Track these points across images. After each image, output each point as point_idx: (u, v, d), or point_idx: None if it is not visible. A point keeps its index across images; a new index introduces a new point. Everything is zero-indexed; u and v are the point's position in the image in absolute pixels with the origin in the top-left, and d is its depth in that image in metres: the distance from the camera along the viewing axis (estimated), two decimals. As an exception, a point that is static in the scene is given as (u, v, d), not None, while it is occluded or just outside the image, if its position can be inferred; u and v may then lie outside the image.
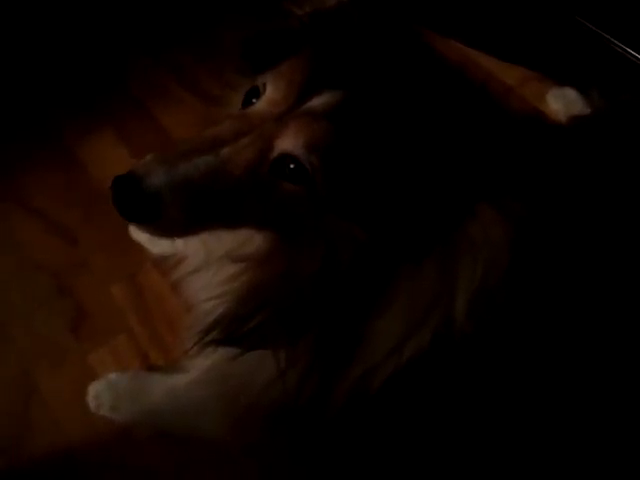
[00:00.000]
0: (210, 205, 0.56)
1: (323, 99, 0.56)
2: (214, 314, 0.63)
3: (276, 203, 0.58)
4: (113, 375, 0.94)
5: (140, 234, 0.59)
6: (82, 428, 0.93)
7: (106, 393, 0.92)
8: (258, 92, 0.60)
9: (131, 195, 0.53)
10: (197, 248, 0.71)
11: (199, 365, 0.78)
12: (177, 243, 0.72)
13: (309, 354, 0.61)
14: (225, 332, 0.61)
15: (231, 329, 0.60)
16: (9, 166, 1.18)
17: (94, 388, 0.93)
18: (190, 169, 0.54)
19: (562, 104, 1.22)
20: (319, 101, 0.56)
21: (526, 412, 0.61)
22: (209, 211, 0.57)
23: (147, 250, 0.99)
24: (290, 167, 0.56)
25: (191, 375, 0.83)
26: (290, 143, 0.55)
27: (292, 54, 0.61)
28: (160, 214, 0.54)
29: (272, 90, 0.58)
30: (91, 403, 0.92)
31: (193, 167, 0.54)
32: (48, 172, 1.17)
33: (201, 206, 0.56)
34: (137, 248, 0.99)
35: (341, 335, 0.60)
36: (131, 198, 0.53)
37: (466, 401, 0.60)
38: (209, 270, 0.69)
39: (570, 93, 1.22)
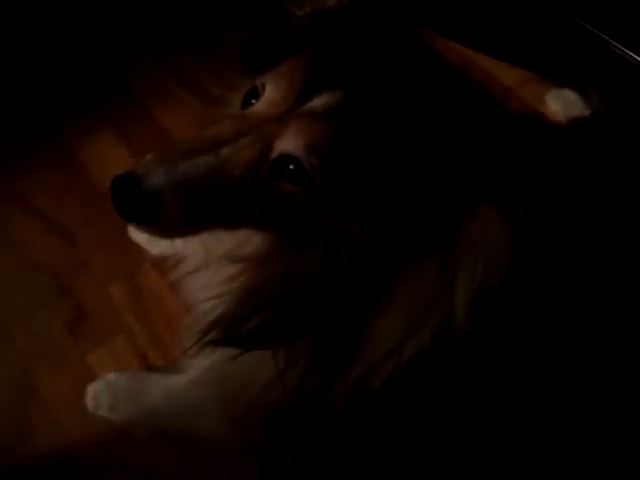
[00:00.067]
0: (210, 205, 0.56)
1: (323, 99, 0.56)
2: (213, 314, 0.63)
3: (276, 203, 0.58)
4: (112, 375, 0.93)
5: (139, 234, 0.59)
6: (82, 428, 0.93)
7: (105, 393, 0.92)
8: (258, 93, 0.60)
9: (130, 195, 0.53)
10: (196, 248, 0.71)
11: (198, 365, 0.78)
12: (176, 243, 0.72)
13: (309, 354, 0.61)
14: (224, 332, 0.61)
15: (230, 329, 0.60)
16: (9, 166, 1.17)
17: (93, 388, 0.93)
18: (190, 169, 0.54)
19: (561, 105, 1.22)
20: (319, 102, 0.56)
21: (526, 412, 0.61)
22: (209, 211, 0.57)
23: (146, 250, 1.00)
24: (290, 167, 0.56)
25: (190, 375, 0.83)
26: (290, 144, 0.55)
27: (292, 54, 0.61)
28: (159, 214, 0.54)
29: (272, 91, 0.58)
30: (90, 403, 0.92)
31: (193, 167, 0.54)
32: (48, 172, 1.17)
33: (201, 206, 0.56)
34: (136, 248, 0.99)
35: (341, 335, 0.60)
36: (130, 198, 0.53)
37: (466, 401, 0.60)
38: (208, 270, 0.69)
39: (569, 94, 1.22)
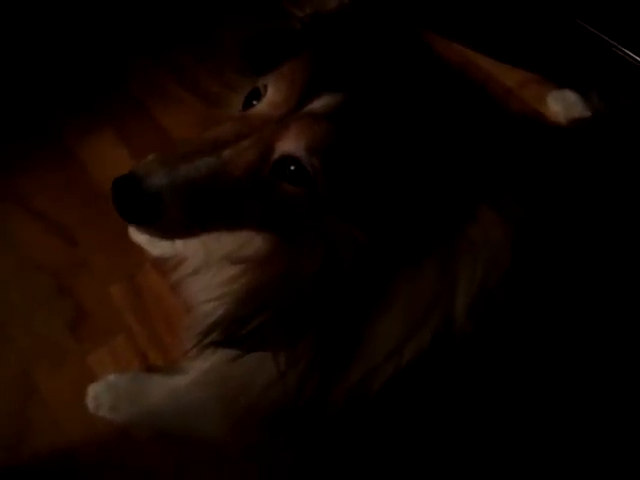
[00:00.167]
0: (210, 206, 0.56)
1: (324, 101, 0.56)
2: (214, 316, 0.63)
3: (277, 204, 0.58)
4: (112, 376, 0.93)
5: (140, 235, 0.59)
6: (82, 428, 0.93)
7: (105, 394, 0.92)
8: (259, 94, 0.60)
9: (131, 196, 0.52)
10: (197, 249, 0.71)
11: (198, 366, 0.78)
12: (177, 244, 0.72)
13: (309, 355, 0.61)
14: (225, 334, 0.61)
15: (231, 331, 0.60)
16: (9, 166, 1.17)
17: (93, 389, 0.93)
18: (191, 170, 0.54)
19: (562, 106, 1.22)
20: (320, 103, 0.56)
21: (526, 412, 0.61)
22: (209, 212, 0.57)
23: (147, 251, 1.00)
24: (291, 169, 0.56)
25: (190, 376, 0.83)
26: (291, 145, 0.55)
27: (293, 55, 0.61)
28: (160, 215, 0.54)
29: (273, 92, 0.58)
30: (90, 404, 0.92)
31: (194, 168, 0.54)
32: (48, 172, 1.17)
33: (201, 207, 0.55)
34: (137, 249, 0.99)
35: (341, 336, 0.60)
36: (131, 199, 0.53)
37: (466, 401, 0.60)
38: (209, 271, 0.69)
39: (570, 96, 1.22)
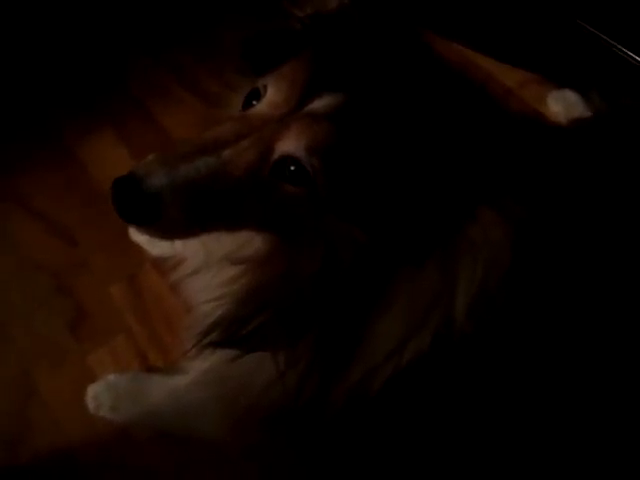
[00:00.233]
0: (210, 207, 0.56)
1: (324, 101, 0.56)
2: (213, 316, 0.63)
3: (276, 205, 0.58)
4: (112, 376, 0.94)
5: (140, 235, 0.59)
6: (82, 428, 0.93)
7: (105, 394, 0.92)
8: (259, 94, 0.60)
9: (131, 196, 0.52)
10: (196, 249, 0.71)
11: (198, 366, 0.78)
12: (176, 244, 0.72)
13: (309, 355, 0.61)
14: (224, 334, 0.61)
15: (230, 331, 0.60)
16: (9, 166, 1.17)
17: (93, 389, 0.93)
18: (191, 170, 0.54)
19: (562, 107, 1.22)
20: (320, 103, 0.56)
21: (526, 412, 0.61)
22: (209, 213, 0.57)
23: (146, 251, 1.00)
24: (291, 169, 0.56)
25: (190, 376, 0.82)
26: (291, 145, 0.55)
27: (293, 56, 0.61)
28: (160, 215, 0.54)
29: (273, 92, 0.58)
30: (90, 404, 0.92)
31: (194, 168, 0.54)
32: (48, 172, 1.17)
33: (201, 208, 0.55)
34: (137, 249, 0.99)
35: (341, 336, 0.60)
36: (131, 199, 0.53)
37: (466, 402, 0.60)
38: (208, 272, 0.69)
39: (570, 96, 1.22)
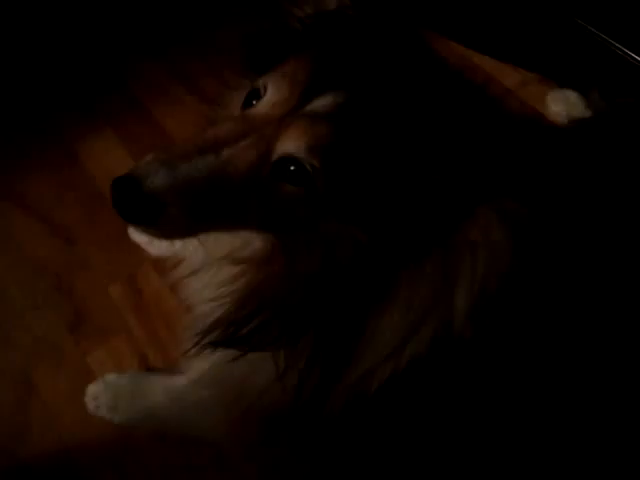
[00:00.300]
0: (210, 206, 0.56)
1: (324, 101, 0.56)
2: (213, 316, 0.63)
3: (276, 204, 0.58)
4: (111, 376, 0.94)
5: (139, 235, 0.59)
6: (80, 428, 0.93)
7: (105, 394, 0.92)
8: (259, 93, 0.60)
9: (131, 196, 0.52)
10: (196, 249, 0.71)
11: (197, 366, 0.78)
12: (176, 244, 0.72)
13: (308, 355, 0.60)
14: (224, 334, 0.61)
15: (230, 331, 0.60)
16: (9, 166, 1.17)
17: (92, 389, 0.93)
18: (191, 170, 0.53)
19: (562, 106, 1.22)
20: (320, 103, 0.56)
21: (526, 413, 0.61)
22: (209, 212, 0.56)
23: (146, 251, 0.99)
24: (291, 169, 0.56)
25: (190, 376, 0.82)
26: (291, 145, 0.55)
27: (293, 55, 0.61)
28: (160, 215, 0.54)
29: (273, 92, 0.58)
30: (89, 404, 0.92)
31: (194, 168, 0.54)
32: (48, 172, 1.17)
33: (201, 207, 0.55)
34: (136, 249, 0.99)
35: (340, 336, 0.60)
36: (131, 199, 0.52)
37: (465, 402, 0.60)
38: (208, 271, 0.69)
39: (570, 95, 1.22)
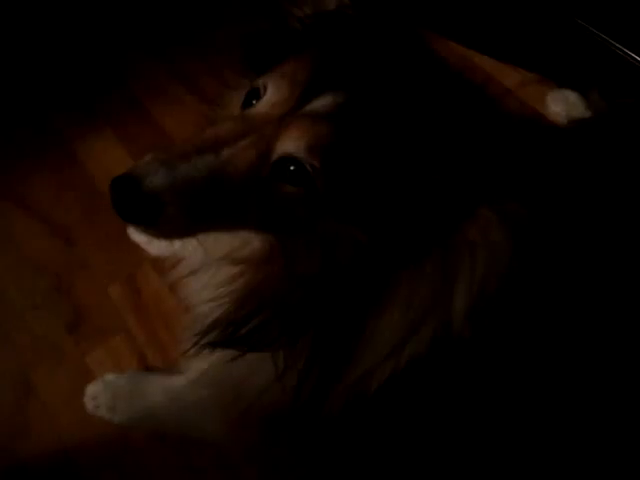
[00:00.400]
0: (210, 206, 0.56)
1: (324, 101, 0.56)
2: (212, 316, 0.63)
3: (276, 205, 0.58)
4: (111, 376, 0.94)
5: (139, 235, 0.59)
6: (80, 428, 0.93)
7: (104, 394, 0.92)
8: (259, 93, 0.60)
9: (130, 196, 0.52)
10: (195, 249, 0.71)
11: (196, 366, 0.78)
12: (175, 244, 0.72)
13: (308, 355, 0.60)
14: (223, 334, 0.61)
15: (229, 331, 0.60)
16: (9, 166, 1.17)
17: (91, 389, 0.93)
18: (190, 170, 0.53)
19: (562, 106, 1.22)
20: (320, 103, 0.56)
21: (525, 413, 0.61)
22: (209, 212, 0.56)
23: (145, 251, 0.99)
24: (291, 169, 0.55)
25: (189, 376, 0.82)
26: (291, 145, 0.55)
27: (293, 55, 0.61)
28: (159, 215, 0.54)
29: (273, 91, 0.58)
30: (88, 404, 0.92)
31: (193, 168, 0.53)
32: (48, 172, 1.17)
33: (201, 207, 0.55)
34: (136, 249, 0.99)
35: (340, 337, 0.60)
36: (130, 199, 0.52)
37: (464, 402, 0.60)
38: (207, 272, 0.69)
39: (570, 95, 1.22)
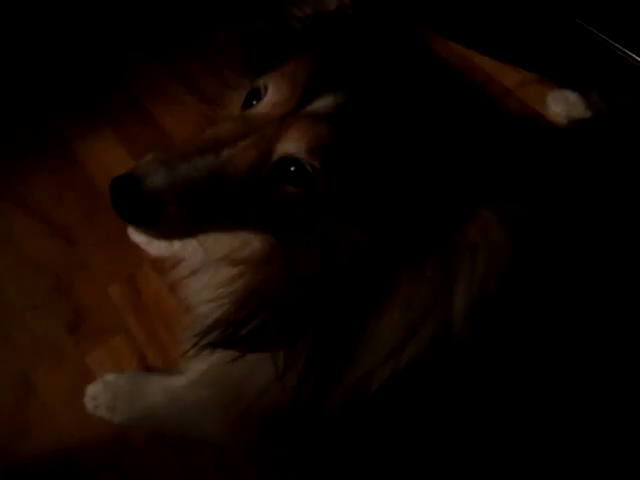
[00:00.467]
0: (210, 207, 0.56)
1: (325, 101, 0.56)
2: (212, 316, 0.63)
3: (276, 205, 0.58)
4: (110, 376, 0.94)
5: (139, 235, 0.59)
6: (80, 428, 0.93)
7: (103, 394, 0.92)
8: (259, 94, 0.60)
9: (130, 196, 0.52)
10: (195, 250, 0.71)
11: (196, 367, 0.78)
12: (175, 245, 0.72)
13: (308, 356, 0.60)
14: (223, 335, 0.61)
15: (229, 332, 0.60)
16: (9, 166, 1.17)
17: (91, 389, 0.93)
18: (190, 170, 0.53)
19: (562, 106, 1.22)
20: (321, 103, 0.56)
21: (525, 413, 0.61)
22: (209, 213, 0.56)
23: (145, 251, 1.00)
24: (291, 169, 0.55)
25: (189, 376, 0.82)
26: (292, 146, 0.55)
27: (293, 55, 0.61)
28: (159, 215, 0.53)
29: (274, 92, 0.58)
30: (88, 404, 0.92)
31: (193, 168, 0.53)
32: (48, 172, 1.17)
33: (201, 208, 0.55)
34: (136, 249, 1.00)
35: (339, 337, 0.60)
36: (130, 199, 0.52)
37: (464, 402, 0.60)
38: (207, 272, 0.69)
39: (570, 95, 1.22)
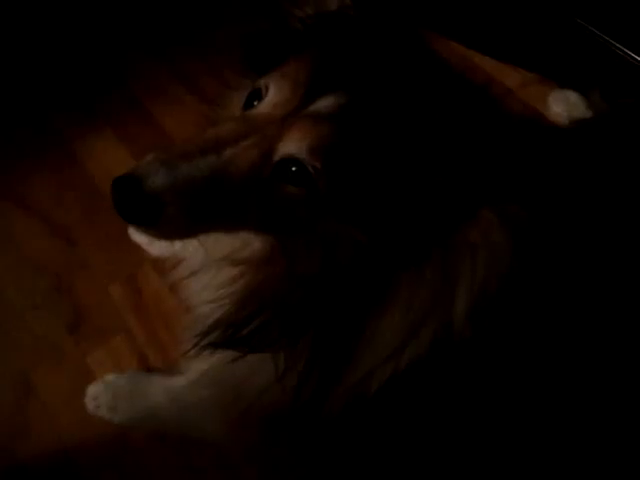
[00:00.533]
0: (211, 207, 0.56)
1: (326, 102, 0.56)
2: (213, 317, 0.63)
3: (277, 205, 0.58)
4: (111, 376, 0.94)
5: (139, 235, 0.59)
6: (80, 428, 0.93)
7: (104, 394, 0.92)
8: (260, 94, 0.60)
9: (131, 196, 0.52)
10: (196, 250, 0.71)
11: (197, 367, 0.78)
12: (176, 245, 0.72)
13: (308, 356, 0.60)
14: (223, 335, 0.61)
15: (229, 332, 0.60)
16: (9, 166, 1.17)
17: (92, 389, 0.93)
18: (192, 170, 0.53)
19: (563, 107, 1.22)
20: (322, 104, 0.56)
21: (525, 413, 0.61)
22: (210, 213, 0.56)
23: (146, 251, 0.99)
24: (292, 170, 0.55)
25: (189, 377, 0.82)
26: (293, 146, 0.55)
27: (293, 56, 0.61)
28: (160, 215, 0.53)
29: (275, 92, 0.58)
30: (89, 404, 0.92)
31: (195, 168, 0.53)
32: (48, 172, 1.17)
33: (202, 208, 0.55)
34: (136, 249, 0.99)
35: (340, 338, 0.60)
36: (131, 199, 0.52)
37: (465, 403, 0.60)
38: (208, 272, 0.69)
39: (571, 95, 1.22)
